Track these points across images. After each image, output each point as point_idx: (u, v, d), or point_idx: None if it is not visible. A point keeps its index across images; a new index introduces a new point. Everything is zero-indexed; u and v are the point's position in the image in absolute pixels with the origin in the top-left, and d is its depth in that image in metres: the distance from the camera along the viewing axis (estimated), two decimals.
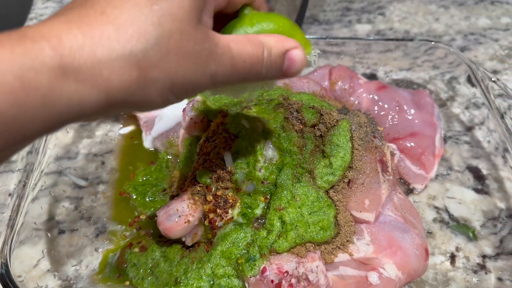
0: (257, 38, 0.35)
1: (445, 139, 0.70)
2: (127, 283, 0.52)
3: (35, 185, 0.55)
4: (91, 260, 0.55)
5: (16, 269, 0.47)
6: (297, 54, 0.37)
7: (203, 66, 0.32)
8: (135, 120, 0.70)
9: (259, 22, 0.37)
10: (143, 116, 0.67)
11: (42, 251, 0.54)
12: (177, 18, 0.30)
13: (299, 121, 0.54)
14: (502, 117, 0.63)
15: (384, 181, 0.53)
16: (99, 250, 0.56)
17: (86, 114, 0.28)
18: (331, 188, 0.52)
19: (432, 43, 0.74)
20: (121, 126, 0.71)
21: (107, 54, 0.27)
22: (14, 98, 0.25)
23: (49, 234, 0.56)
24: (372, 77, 0.80)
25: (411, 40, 0.76)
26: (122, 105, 0.29)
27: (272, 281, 0.46)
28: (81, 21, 0.27)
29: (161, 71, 0.29)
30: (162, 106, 0.33)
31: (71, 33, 0.27)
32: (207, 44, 0.31)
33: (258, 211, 0.51)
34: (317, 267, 0.47)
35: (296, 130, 0.53)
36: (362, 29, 0.95)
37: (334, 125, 0.54)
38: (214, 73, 0.32)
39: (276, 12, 0.39)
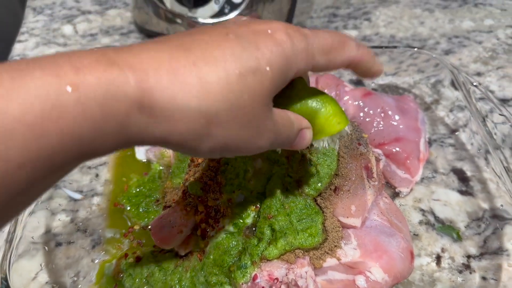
0: (287, 114, 0.39)
1: (430, 142, 0.73)
2: None
3: None
4: (88, 271, 0.56)
5: (16, 282, 0.48)
6: (307, 133, 0.41)
7: (255, 140, 0.35)
8: None
9: (308, 99, 0.41)
10: None
11: (40, 264, 0.55)
12: (254, 94, 0.32)
13: None
14: (483, 120, 0.65)
15: (370, 187, 0.55)
16: (96, 261, 0.57)
17: (143, 144, 0.31)
18: (318, 195, 0.54)
19: (415, 49, 0.76)
20: None
21: (185, 103, 0.29)
22: (94, 123, 0.26)
23: (46, 247, 0.57)
24: (358, 83, 0.82)
25: (394, 47, 0.78)
26: (173, 146, 0.32)
27: (263, 287, 0.48)
28: (170, 64, 0.29)
29: (222, 131, 0.32)
30: (202, 156, 0.36)
31: (158, 72, 0.28)
32: (266, 122, 0.35)
33: (249, 220, 0.53)
34: (306, 272, 0.49)
35: None
36: (349, 34, 0.97)
37: None
38: (260, 146, 0.36)
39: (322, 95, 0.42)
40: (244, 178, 0.53)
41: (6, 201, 0.25)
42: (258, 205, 0.53)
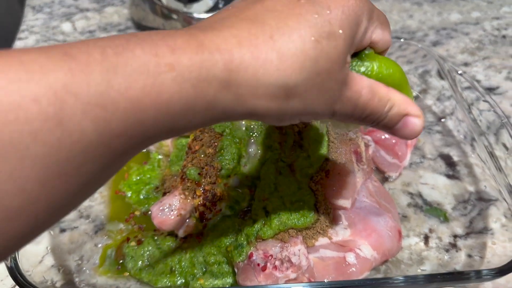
0: (387, 93, 0.36)
1: None
2: (126, 274, 0.56)
3: None
4: (91, 255, 0.59)
5: (24, 264, 0.50)
6: (415, 123, 0.37)
7: (331, 104, 0.34)
8: None
9: (379, 65, 0.38)
10: None
11: (46, 248, 0.58)
12: (330, 58, 0.32)
13: None
14: (469, 108, 0.68)
15: (359, 170, 0.58)
16: (99, 245, 0.60)
17: (228, 119, 0.32)
18: (310, 178, 0.56)
19: (402, 40, 0.78)
20: None
21: (266, 77, 0.30)
22: (187, 102, 0.28)
23: (52, 232, 0.60)
24: None
25: None
26: (254, 117, 0.33)
27: (258, 264, 0.50)
28: (250, 40, 0.30)
29: (301, 101, 0.33)
30: (283, 124, 0.36)
31: (241, 51, 0.30)
32: (343, 86, 0.34)
33: (244, 203, 0.56)
34: (299, 250, 0.52)
35: (276, 127, 0.58)
36: None
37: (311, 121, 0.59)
38: (336, 111, 0.35)
39: (392, 60, 0.40)
40: (239, 163, 0.56)
41: (106, 165, 0.27)
42: (252, 189, 0.56)
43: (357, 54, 0.37)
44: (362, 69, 0.37)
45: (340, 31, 0.33)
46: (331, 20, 0.32)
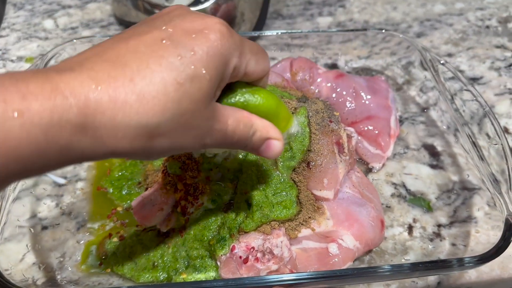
0: (249, 119, 0.39)
1: (402, 120, 0.75)
2: (108, 270, 0.56)
3: (16, 186, 0.58)
4: (73, 251, 0.58)
5: (3, 263, 0.50)
6: (275, 145, 0.41)
7: (200, 139, 0.36)
8: None
9: (248, 94, 0.41)
10: None
11: (27, 245, 0.57)
12: (194, 99, 0.33)
13: None
14: (452, 98, 0.68)
15: (341, 161, 0.58)
16: (81, 242, 0.59)
17: (90, 160, 0.33)
18: (292, 170, 0.56)
19: (383, 31, 0.78)
20: None
21: (125, 120, 0.30)
22: (37, 147, 0.28)
23: (32, 230, 0.59)
24: (333, 66, 0.85)
25: (365, 30, 0.80)
26: (119, 157, 0.33)
27: (240, 257, 0.50)
28: (109, 83, 0.30)
29: (166, 140, 0.33)
30: (149, 159, 0.38)
31: (98, 94, 0.29)
32: (210, 122, 0.36)
33: (226, 196, 0.56)
34: (281, 242, 0.51)
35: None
36: (324, 21, 0.99)
37: (293, 113, 0.58)
38: (207, 144, 0.37)
39: (265, 90, 0.42)
40: (221, 157, 0.56)
41: None
42: (235, 182, 0.56)
43: (229, 86, 0.40)
44: (232, 100, 0.40)
45: (204, 71, 0.33)
46: (195, 62, 0.33)
